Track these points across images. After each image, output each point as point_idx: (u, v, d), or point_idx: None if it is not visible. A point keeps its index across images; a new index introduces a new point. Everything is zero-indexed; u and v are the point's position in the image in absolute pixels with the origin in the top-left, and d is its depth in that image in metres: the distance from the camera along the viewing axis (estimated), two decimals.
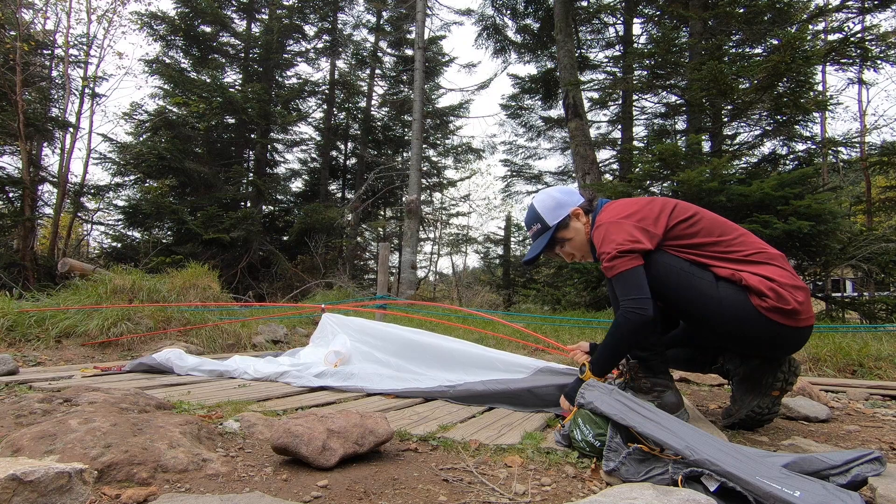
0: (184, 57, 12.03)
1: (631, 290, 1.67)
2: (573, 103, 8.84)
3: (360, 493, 1.11)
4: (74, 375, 2.43)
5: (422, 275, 15.78)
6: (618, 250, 1.69)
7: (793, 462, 1.17)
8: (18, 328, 3.43)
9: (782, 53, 5.85)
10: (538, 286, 9.42)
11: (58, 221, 9.63)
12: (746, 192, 5.42)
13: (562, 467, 1.34)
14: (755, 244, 1.75)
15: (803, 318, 1.63)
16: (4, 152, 9.79)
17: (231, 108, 10.58)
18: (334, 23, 13.96)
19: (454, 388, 2.16)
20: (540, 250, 1.98)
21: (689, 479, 1.10)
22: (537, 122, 13.68)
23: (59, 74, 10.27)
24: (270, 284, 10.36)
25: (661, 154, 6.12)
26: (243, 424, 1.55)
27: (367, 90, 14.85)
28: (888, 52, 6.77)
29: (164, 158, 9.95)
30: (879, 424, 2.15)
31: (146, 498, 1.03)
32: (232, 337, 4.19)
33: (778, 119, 7.28)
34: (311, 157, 14.85)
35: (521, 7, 11.62)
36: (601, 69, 11.88)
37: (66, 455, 1.11)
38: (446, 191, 16.34)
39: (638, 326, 1.65)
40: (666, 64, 7.35)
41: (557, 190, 2.04)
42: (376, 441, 1.34)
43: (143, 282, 4.39)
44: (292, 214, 13.27)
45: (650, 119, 11.80)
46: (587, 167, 8.63)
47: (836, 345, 3.65)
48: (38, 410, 1.49)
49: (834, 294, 7.57)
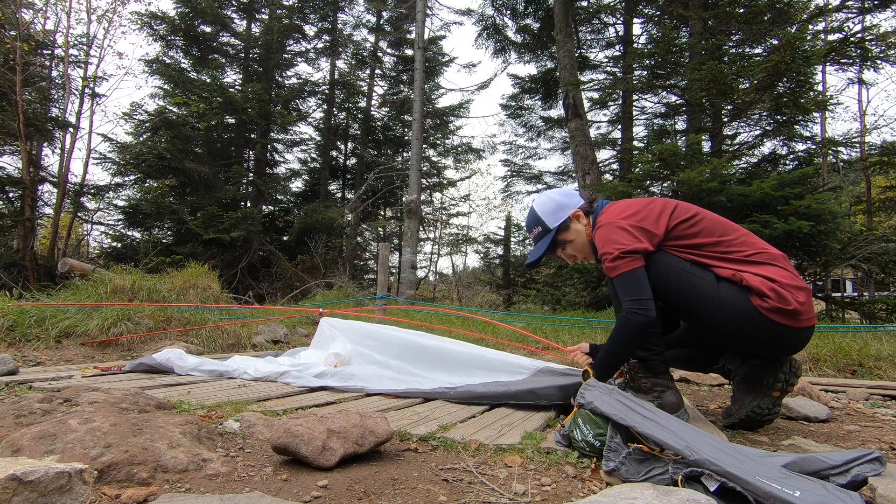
0: (184, 57, 12.04)
1: (632, 291, 1.67)
2: (573, 103, 8.84)
3: (360, 493, 1.11)
4: (74, 375, 2.43)
5: (422, 275, 15.79)
6: (620, 251, 1.69)
7: (793, 462, 1.17)
8: (18, 328, 3.43)
9: (782, 53, 5.85)
10: (538, 286, 9.42)
11: (58, 221, 9.63)
12: (746, 192, 5.42)
13: (562, 467, 1.34)
14: (756, 244, 1.75)
15: (804, 319, 1.63)
16: (4, 152, 9.80)
17: (231, 108, 10.58)
18: (334, 23, 13.97)
19: (455, 389, 2.16)
20: (542, 253, 1.98)
21: (689, 479, 1.10)
22: (537, 122, 13.69)
23: (59, 74, 10.27)
24: (270, 284, 10.36)
25: (661, 154, 6.13)
26: (243, 424, 1.55)
27: (367, 90, 14.86)
28: (888, 52, 6.77)
29: (164, 158, 9.95)
30: (879, 424, 2.15)
31: (146, 498, 1.03)
32: (232, 337, 4.18)
33: (778, 119, 7.28)
34: (311, 157, 14.87)
35: (521, 7, 11.62)
36: (601, 69, 11.89)
37: (66, 455, 1.11)
38: (446, 191, 16.35)
39: (640, 327, 1.65)
40: (666, 64, 7.36)
41: (557, 192, 2.04)
42: (376, 441, 1.34)
43: (143, 282, 4.39)
44: (292, 214, 13.28)
45: (650, 119, 11.81)
46: (587, 167, 8.63)
47: (836, 345, 3.65)
48: (38, 410, 1.49)
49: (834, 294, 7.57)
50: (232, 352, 3.90)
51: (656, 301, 1.69)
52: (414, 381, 2.39)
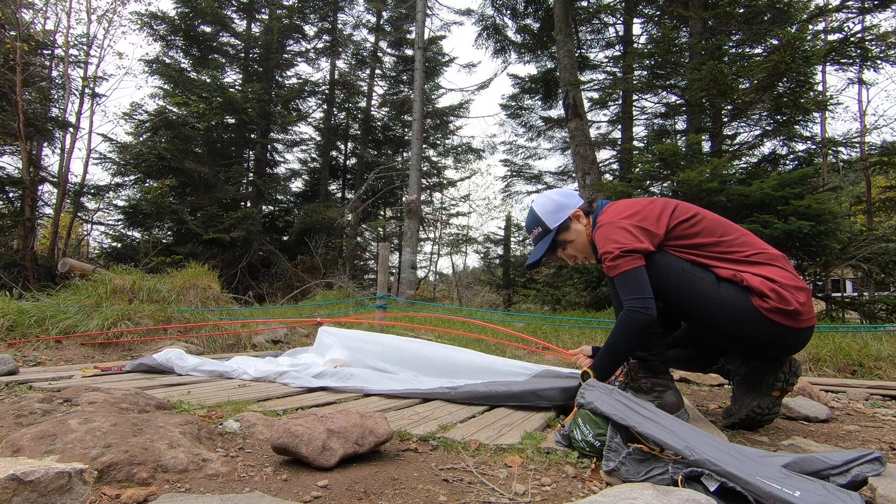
0: (184, 57, 12.03)
1: (633, 289, 1.67)
2: (573, 103, 8.84)
3: (360, 493, 1.11)
4: (74, 375, 2.43)
5: (422, 275, 15.78)
6: (620, 250, 1.69)
7: (793, 462, 1.17)
8: (18, 328, 3.43)
9: (782, 53, 5.85)
10: (538, 286, 9.42)
11: (58, 221, 9.63)
12: (746, 192, 5.42)
13: (562, 467, 1.34)
14: (756, 245, 1.75)
15: (805, 319, 1.63)
16: (4, 152, 9.80)
17: (231, 108, 10.58)
18: (334, 23, 13.96)
19: (457, 389, 2.16)
20: (542, 254, 1.98)
21: (689, 479, 1.10)
22: (537, 122, 13.68)
23: (59, 74, 10.27)
24: (270, 284, 10.36)
25: (661, 154, 6.13)
26: (243, 424, 1.55)
27: (367, 90, 14.86)
28: (888, 52, 6.77)
29: (164, 158, 9.95)
30: (879, 424, 2.15)
31: (146, 498, 1.03)
32: (232, 337, 4.19)
33: (778, 119, 7.28)
34: (311, 157, 14.86)
35: (521, 7, 11.62)
36: (601, 69, 11.89)
37: (66, 455, 1.11)
38: (446, 191, 16.34)
39: (641, 326, 1.65)
40: (666, 64, 7.36)
41: (556, 192, 2.04)
42: (376, 441, 1.34)
43: (143, 282, 4.39)
44: (292, 214, 13.28)
45: (650, 119, 11.80)
46: (587, 167, 8.63)
47: (836, 345, 3.65)
48: (38, 410, 1.49)
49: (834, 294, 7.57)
50: (232, 352, 3.90)
51: (657, 301, 1.69)
52: (414, 381, 2.39)
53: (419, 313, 6.18)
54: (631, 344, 1.72)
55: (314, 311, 6.14)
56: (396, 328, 4.78)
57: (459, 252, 17.39)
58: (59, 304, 3.88)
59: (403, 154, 15.18)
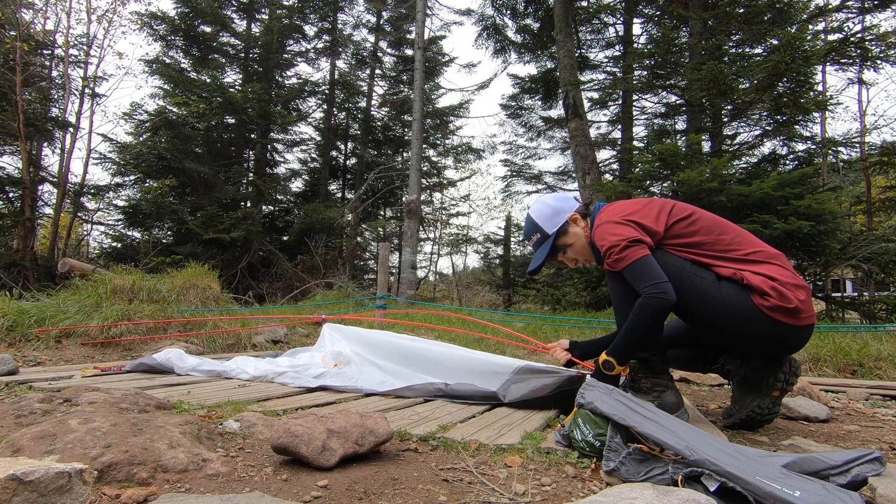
0: (184, 57, 12.03)
1: (648, 276, 1.65)
2: (573, 103, 8.84)
3: (360, 493, 1.11)
4: (74, 375, 2.43)
5: (422, 275, 15.78)
6: (627, 241, 1.69)
7: (793, 462, 1.17)
8: (18, 328, 3.43)
9: (782, 53, 5.86)
10: (538, 286, 9.42)
11: (58, 221, 9.63)
12: (746, 192, 5.42)
13: (562, 467, 1.34)
14: (754, 243, 1.75)
15: (805, 317, 1.63)
16: (4, 152, 9.80)
17: (231, 108, 10.57)
18: (334, 23, 13.96)
19: (449, 386, 2.20)
20: (543, 259, 1.98)
21: (689, 479, 1.10)
22: (537, 122, 13.68)
23: (59, 74, 10.27)
24: (270, 284, 10.36)
25: (661, 154, 6.13)
26: (243, 424, 1.55)
27: (367, 90, 14.86)
28: (888, 52, 6.76)
29: (164, 158, 9.94)
30: (879, 424, 2.15)
31: (146, 498, 1.03)
32: (232, 337, 4.18)
33: (778, 119, 7.28)
34: (311, 157, 14.86)
35: (521, 7, 11.61)
36: (601, 69, 11.88)
37: (66, 455, 1.11)
38: (446, 191, 16.34)
39: (661, 311, 1.64)
40: (666, 64, 7.35)
41: (552, 197, 2.04)
42: (376, 441, 1.34)
43: (143, 282, 4.39)
44: (292, 214, 13.28)
45: (650, 119, 11.80)
46: (587, 167, 8.63)
47: (836, 345, 3.65)
48: (38, 410, 1.49)
49: (834, 294, 7.57)
50: (232, 352, 3.90)
51: None
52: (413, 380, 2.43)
53: (421, 311, 6.18)
54: (650, 329, 1.69)
55: (314, 311, 6.14)
56: (396, 327, 4.79)
57: (459, 252, 17.39)
58: (59, 304, 3.87)
59: (403, 154, 15.18)
